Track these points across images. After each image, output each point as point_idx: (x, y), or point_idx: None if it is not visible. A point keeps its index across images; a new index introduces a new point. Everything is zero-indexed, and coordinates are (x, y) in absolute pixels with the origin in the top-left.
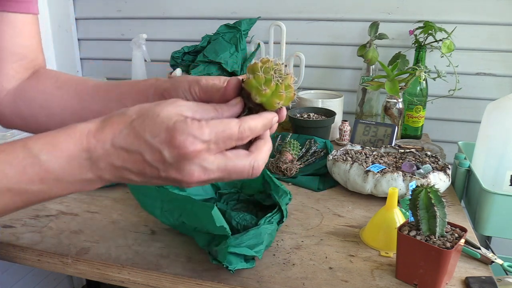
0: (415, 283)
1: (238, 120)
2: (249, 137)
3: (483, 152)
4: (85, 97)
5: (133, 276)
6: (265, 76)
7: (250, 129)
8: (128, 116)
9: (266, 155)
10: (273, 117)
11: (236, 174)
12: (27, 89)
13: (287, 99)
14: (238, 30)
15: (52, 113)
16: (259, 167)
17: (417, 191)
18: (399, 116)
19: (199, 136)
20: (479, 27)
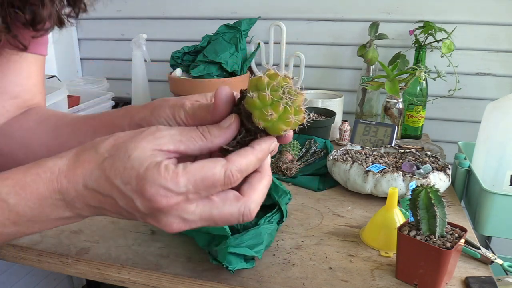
0: (415, 283)
1: (224, 163)
2: (239, 179)
3: (483, 152)
4: (62, 132)
5: (133, 276)
6: (272, 96)
7: (240, 171)
8: (99, 155)
9: (261, 195)
10: (272, 145)
11: (222, 222)
12: (11, 125)
13: (295, 124)
14: (238, 30)
15: (30, 150)
16: (250, 212)
17: (417, 191)
18: (399, 116)
19: (173, 189)
20: (479, 27)
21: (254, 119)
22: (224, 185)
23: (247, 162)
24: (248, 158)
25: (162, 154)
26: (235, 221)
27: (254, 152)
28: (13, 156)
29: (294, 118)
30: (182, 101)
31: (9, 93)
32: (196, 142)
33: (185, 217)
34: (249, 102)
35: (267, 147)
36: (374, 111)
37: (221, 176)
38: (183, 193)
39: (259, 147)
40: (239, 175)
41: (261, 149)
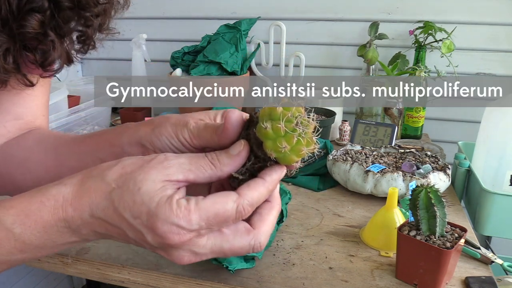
0: (415, 283)
1: (235, 198)
2: (250, 212)
3: (483, 152)
4: (61, 152)
5: (133, 276)
6: (286, 128)
7: (251, 205)
8: (106, 184)
9: (271, 226)
10: (282, 175)
11: (232, 254)
12: (10, 145)
13: (306, 155)
14: (238, 30)
15: (28, 170)
16: (260, 245)
17: (417, 191)
18: (399, 116)
19: (186, 226)
20: (479, 27)
21: (266, 149)
22: (236, 219)
23: (259, 195)
24: (259, 191)
25: (172, 185)
26: (245, 253)
27: (265, 184)
28: (10, 176)
29: (306, 149)
30: (186, 120)
31: (11, 114)
32: (206, 171)
33: (196, 251)
34: (262, 131)
35: (277, 178)
36: (374, 111)
37: (233, 211)
38: (195, 230)
39: (270, 179)
40: (250, 209)
41: (272, 180)
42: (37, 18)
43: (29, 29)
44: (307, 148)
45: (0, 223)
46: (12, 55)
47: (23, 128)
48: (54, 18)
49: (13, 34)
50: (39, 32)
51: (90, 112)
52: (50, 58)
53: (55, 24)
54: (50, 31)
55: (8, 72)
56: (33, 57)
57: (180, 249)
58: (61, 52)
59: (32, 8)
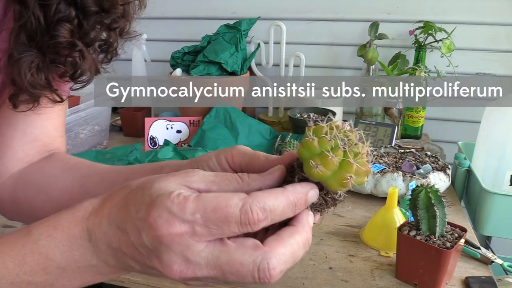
0: (415, 283)
1: (243, 196)
2: (262, 222)
3: (483, 152)
4: (89, 180)
5: (133, 276)
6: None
7: (263, 210)
8: (128, 188)
9: (290, 252)
10: (311, 193)
11: (231, 274)
12: (31, 172)
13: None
14: (238, 30)
15: (50, 197)
16: (269, 268)
17: (417, 191)
18: (399, 116)
19: (178, 214)
20: (479, 27)
21: (305, 168)
22: (241, 224)
23: (275, 203)
24: (276, 197)
25: (189, 190)
26: (249, 276)
27: (284, 192)
28: (29, 203)
29: (354, 178)
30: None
31: (28, 136)
32: (230, 184)
33: (188, 257)
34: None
35: (302, 192)
36: (374, 111)
37: (237, 209)
38: (188, 221)
39: (292, 189)
40: (261, 215)
41: (294, 190)
42: (67, 27)
43: (61, 39)
44: (355, 177)
45: (29, 236)
46: (43, 71)
47: (42, 151)
48: (81, 27)
49: (43, 47)
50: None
51: (90, 112)
52: (81, 69)
53: (82, 33)
54: (78, 41)
55: (42, 88)
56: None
57: (171, 250)
58: (91, 62)
59: (60, 18)
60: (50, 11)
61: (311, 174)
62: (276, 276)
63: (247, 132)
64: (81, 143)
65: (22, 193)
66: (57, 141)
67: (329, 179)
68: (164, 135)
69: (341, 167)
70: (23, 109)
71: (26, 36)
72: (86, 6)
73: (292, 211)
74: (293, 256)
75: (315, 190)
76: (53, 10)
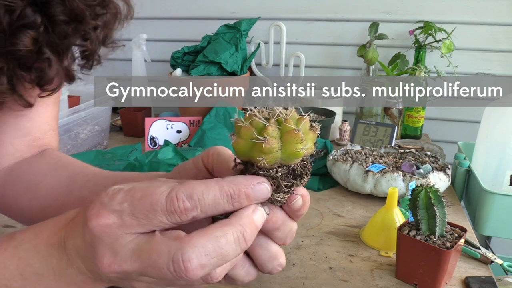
0: (415, 283)
1: (173, 185)
2: (190, 211)
3: (483, 152)
4: (76, 180)
5: None
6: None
7: (190, 197)
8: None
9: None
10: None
11: (150, 267)
12: (21, 169)
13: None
14: (238, 30)
15: (36, 196)
16: (184, 261)
17: (417, 191)
18: (399, 116)
19: (107, 204)
20: (479, 27)
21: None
22: (167, 212)
23: (204, 191)
24: (207, 185)
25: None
26: (165, 269)
27: (219, 182)
28: (16, 200)
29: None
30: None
31: (18, 130)
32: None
33: (116, 249)
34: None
35: (243, 183)
36: (374, 111)
37: (163, 197)
38: (116, 211)
39: (231, 179)
40: (187, 204)
41: (232, 181)
42: (29, 35)
43: (21, 47)
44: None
45: (11, 240)
46: (6, 75)
47: (33, 146)
48: (48, 34)
49: (5, 52)
50: (32, 50)
51: (90, 112)
52: (46, 76)
53: (50, 41)
54: (45, 48)
55: (2, 93)
56: (28, 76)
57: (102, 242)
58: (58, 69)
59: (24, 24)
60: (14, 16)
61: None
62: (194, 270)
63: None
64: (81, 143)
65: (10, 190)
66: (48, 135)
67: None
68: (164, 135)
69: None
70: None
71: None
72: (54, 14)
73: (228, 203)
74: (218, 250)
75: (262, 184)
76: (17, 15)
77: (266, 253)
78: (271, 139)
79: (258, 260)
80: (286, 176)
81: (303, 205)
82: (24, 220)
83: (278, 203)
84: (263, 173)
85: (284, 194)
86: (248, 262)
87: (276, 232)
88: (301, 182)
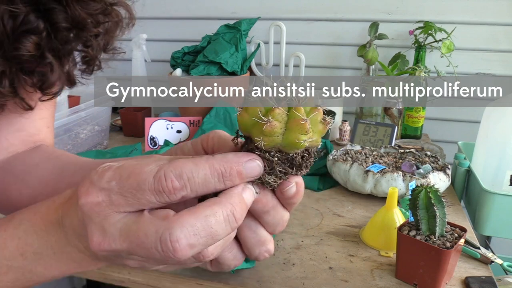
0: (415, 283)
1: (161, 163)
2: (179, 190)
3: (483, 152)
4: (67, 169)
5: (133, 276)
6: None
7: (179, 176)
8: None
9: (202, 221)
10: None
11: (138, 247)
12: (13, 162)
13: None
14: (238, 30)
15: (26, 186)
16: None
17: (417, 191)
18: (399, 116)
19: (96, 182)
20: (479, 27)
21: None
22: (155, 191)
23: (194, 170)
24: (197, 163)
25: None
26: (153, 249)
27: (209, 160)
28: (6, 192)
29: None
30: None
31: (13, 125)
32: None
33: (105, 228)
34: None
35: (234, 160)
36: (374, 111)
37: (151, 174)
38: (105, 189)
39: (222, 157)
40: (176, 183)
41: (222, 158)
42: (32, 40)
43: (23, 52)
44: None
45: (11, 221)
46: (8, 79)
47: (28, 141)
48: (51, 40)
49: (8, 56)
50: (35, 55)
51: (90, 112)
52: (48, 81)
53: (52, 46)
54: (48, 53)
55: (4, 96)
56: (30, 80)
57: (91, 221)
58: (60, 74)
59: (27, 29)
60: (17, 21)
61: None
62: (183, 250)
63: None
64: (81, 143)
65: (1, 183)
66: (43, 132)
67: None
68: (164, 135)
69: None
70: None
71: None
72: (56, 21)
73: (219, 181)
74: (207, 229)
75: (254, 161)
76: (20, 20)
77: (254, 236)
78: (274, 122)
79: (246, 243)
80: (283, 162)
81: (296, 193)
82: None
83: (269, 185)
84: (259, 153)
85: (276, 178)
86: (236, 246)
87: (266, 216)
88: (297, 172)
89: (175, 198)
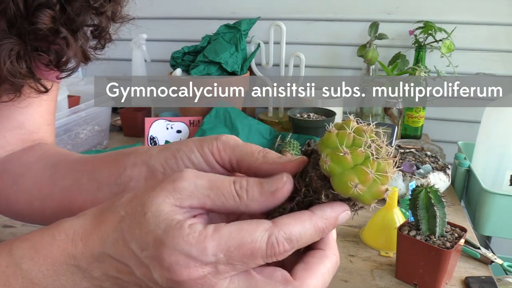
0: (415, 283)
1: (268, 227)
2: (287, 252)
3: (483, 152)
4: (58, 170)
5: None
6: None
7: (289, 240)
8: (116, 214)
9: (321, 281)
10: (340, 213)
11: None
12: (10, 161)
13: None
14: (238, 30)
15: (21, 188)
16: None
17: (417, 191)
18: (399, 116)
19: (198, 257)
20: (479, 27)
21: (336, 188)
22: (267, 257)
23: (301, 231)
24: (303, 224)
25: (183, 212)
26: None
27: (312, 218)
28: (4, 194)
29: (384, 187)
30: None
31: (11, 122)
32: (226, 202)
33: None
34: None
35: (333, 216)
36: (374, 111)
37: (263, 243)
38: (211, 263)
39: (322, 214)
40: (287, 246)
41: (323, 216)
42: (47, 13)
43: (41, 26)
44: (384, 186)
45: (11, 256)
46: (23, 59)
47: (26, 140)
48: (64, 12)
49: (23, 34)
50: (52, 28)
51: (90, 112)
52: (65, 56)
53: (66, 19)
54: (62, 27)
55: (23, 77)
56: (47, 58)
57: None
58: (76, 49)
59: (41, 3)
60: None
61: (347, 193)
62: None
63: (247, 132)
64: (81, 143)
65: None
66: (42, 129)
67: (365, 194)
68: (164, 135)
69: (376, 180)
70: (5, 99)
71: (6, 23)
72: None
73: (319, 236)
74: (325, 285)
75: (347, 212)
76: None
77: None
78: (372, 175)
79: None
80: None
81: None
82: (11, 213)
83: None
84: (340, 197)
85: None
86: None
87: None
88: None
89: (282, 258)
